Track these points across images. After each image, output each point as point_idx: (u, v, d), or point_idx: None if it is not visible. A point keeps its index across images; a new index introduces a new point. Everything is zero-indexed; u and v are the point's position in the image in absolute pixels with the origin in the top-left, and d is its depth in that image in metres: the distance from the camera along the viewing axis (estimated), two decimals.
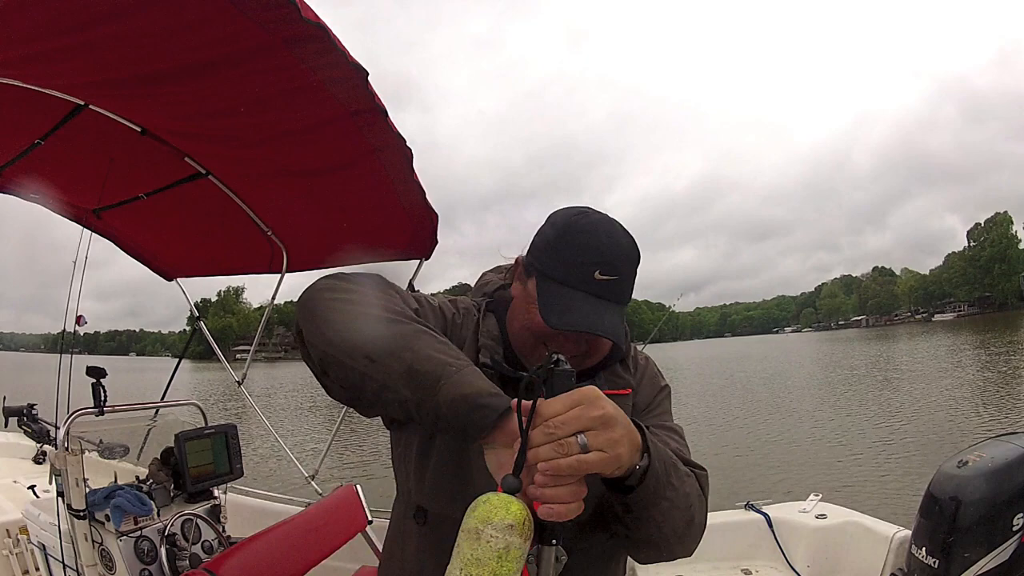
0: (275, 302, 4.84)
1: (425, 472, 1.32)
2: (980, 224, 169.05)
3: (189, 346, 5.47)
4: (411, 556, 1.36)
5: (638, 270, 1.33)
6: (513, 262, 1.45)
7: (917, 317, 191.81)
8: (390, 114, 2.83)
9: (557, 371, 0.98)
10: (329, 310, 1.14)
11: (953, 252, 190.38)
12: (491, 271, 1.64)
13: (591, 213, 1.34)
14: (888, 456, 11.73)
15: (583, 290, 1.25)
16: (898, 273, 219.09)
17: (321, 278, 1.22)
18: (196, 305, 5.11)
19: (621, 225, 1.33)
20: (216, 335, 5.47)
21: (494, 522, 0.90)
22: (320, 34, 2.26)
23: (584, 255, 1.26)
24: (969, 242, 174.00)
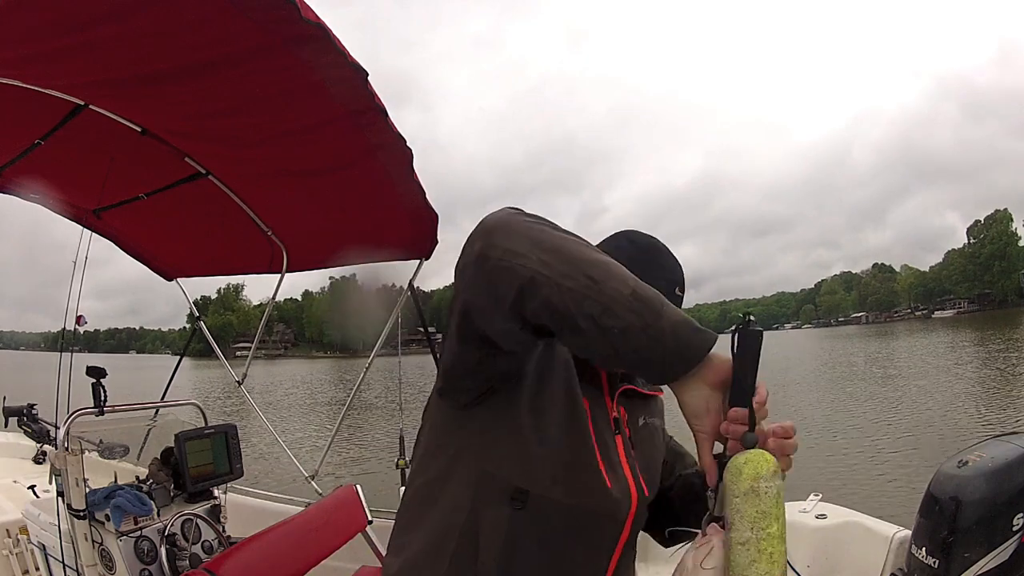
0: (277, 299, 4.85)
1: (530, 451, 1.29)
2: (980, 221, 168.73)
3: (189, 345, 5.46)
4: (498, 545, 1.28)
5: None
6: None
7: (917, 314, 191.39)
8: (390, 113, 2.84)
9: (751, 330, 1.00)
10: (535, 232, 1.07)
11: (953, 249, 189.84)
12: None
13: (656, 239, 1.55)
14: (888, 456, 11.74)
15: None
16: (898, 270, 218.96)
17: (499, 211, 1.14)
18: (196, 303, 5.12)
19: None
20: (216, 332, 5.47)
21: (764, 475, 0.96)
22: (320, 34, 2.27)
23: (669, 274, 1.49)
24: (969, 239, 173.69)
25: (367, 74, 2.53)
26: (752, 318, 1.00)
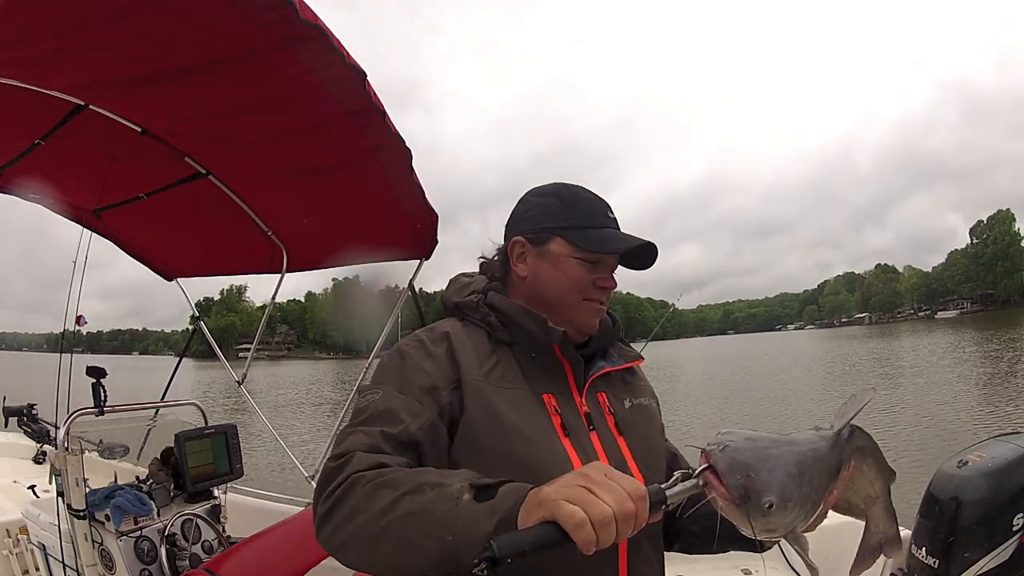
0: (278, 300, 4.85)
1: None
2: (983, 221, 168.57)
3: (189, 346, 5.46)
4: None
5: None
6: (481, 266, 1.60)
7: (920, 314, 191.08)
8: (396, 115, 2.85)
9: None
10: (345, 539, 1.10)
11: (956, 249, 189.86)
12: (459, 276, 1.62)
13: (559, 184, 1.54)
14: (888, 456, 11.71)
15: (608, 227, 1.45)
16: (901, 270, 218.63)
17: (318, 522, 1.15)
18: (198, 304, 5.12)
19: None
20: (219, 334, 5.49)
21: None
22: (318, 35, 2.27)
23: (593, 204, 1.47)
24: (972, 239, 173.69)
25: (365, 74, 2.53)
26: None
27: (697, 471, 1.04)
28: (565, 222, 1.44)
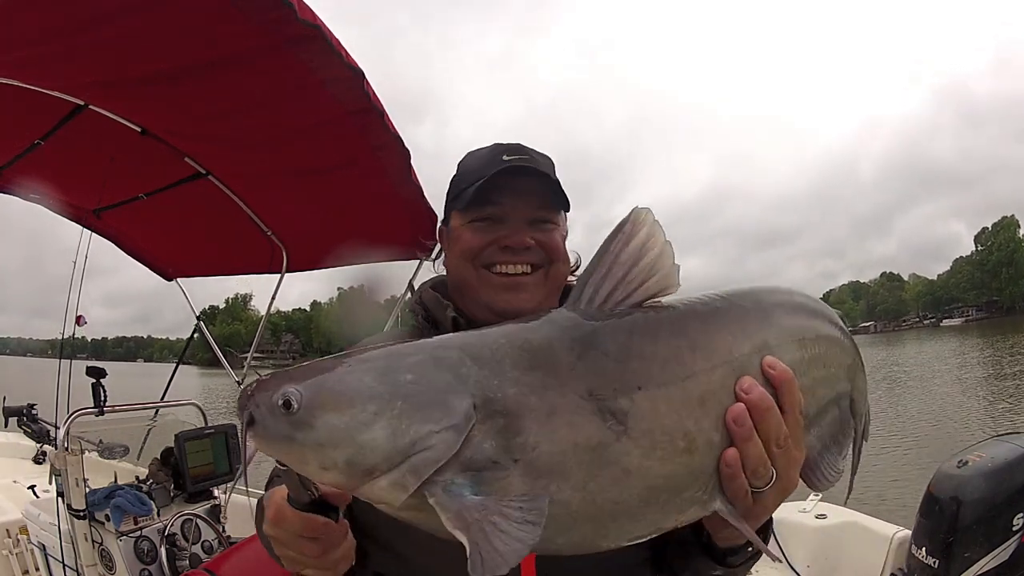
0: (284, 309, 4.86)
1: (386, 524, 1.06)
2: (987, 228, 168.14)
3: (189, 346, 5.44)
4: None
5: None
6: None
7: (926, 322, 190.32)
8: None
9: None
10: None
11: (960, 257, 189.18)
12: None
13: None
14: (888, 456, 11.66)
15: (493, 172, 1.16)
16: (906, 279, 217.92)
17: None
18: (203, 312, 5.11)
19: None
20: (224, 342, 5.46)
21: None
22: (316, 35, 2.29)
23: (480, 157, 1.24)
24: (976, 247, 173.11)
25: (363, 75, 2.55)
26: None
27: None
28: (453, 192, 1.28)
